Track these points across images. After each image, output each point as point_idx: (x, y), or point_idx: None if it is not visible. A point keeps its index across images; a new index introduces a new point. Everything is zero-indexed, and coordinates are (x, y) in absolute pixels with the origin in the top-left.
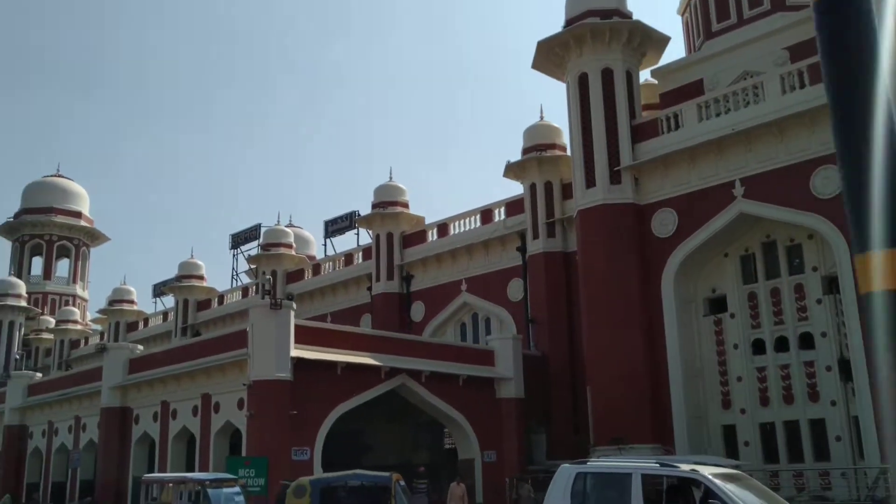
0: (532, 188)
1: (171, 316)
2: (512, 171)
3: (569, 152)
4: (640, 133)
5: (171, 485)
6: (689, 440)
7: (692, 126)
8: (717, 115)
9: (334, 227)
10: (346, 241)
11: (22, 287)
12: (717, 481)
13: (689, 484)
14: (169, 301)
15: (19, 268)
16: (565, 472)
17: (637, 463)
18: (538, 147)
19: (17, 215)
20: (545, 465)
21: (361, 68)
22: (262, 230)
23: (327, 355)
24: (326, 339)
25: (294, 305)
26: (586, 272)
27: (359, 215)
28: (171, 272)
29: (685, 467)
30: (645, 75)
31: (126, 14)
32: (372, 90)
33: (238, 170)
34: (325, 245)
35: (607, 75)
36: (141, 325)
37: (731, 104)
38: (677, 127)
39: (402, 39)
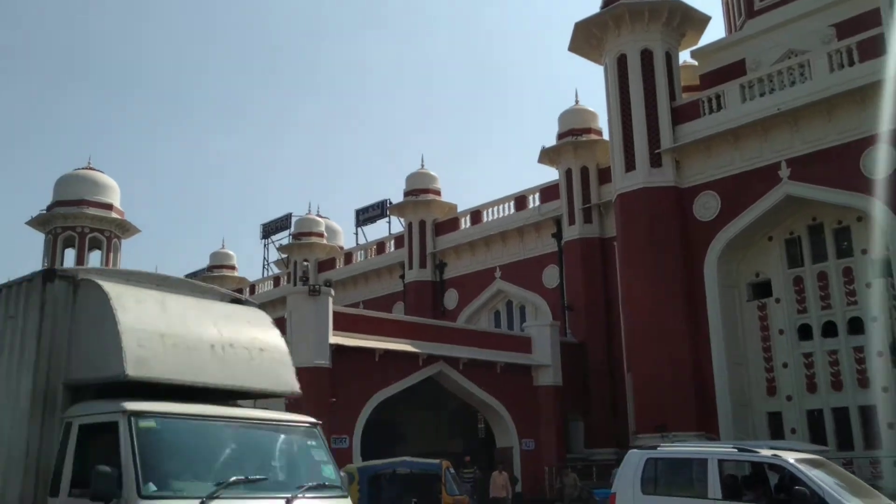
0: (568, 173)
1: None
2: (547, 156)
3: (605, 136)
4: (681, 115)
5: None
6: (734, 427)
7: (735, 107)
8: (762, 94)
9: (365, 216)
10: (377, 230)
11: None
12: (802, 467)
13: (765, 470)
14: None
15: (52, 260)
16: (634, 458)
17: (713, 448)
18: (574, 132)
19: (49, 208)
20: (584, 454)
21: (391, 57)
22: (293, 219)
23: (366, 342)
24: (364, 325)
25: (332, 292)
26: (626, 257)
27: (391, 204)
28: (201, 263)
29: (765, 452)
30: (684, 57)
31: (156, 11)
32: (402, 79)
33: (268, 160)
34: (356, 234)
35: (647, 56)
36: None
37: (776, 84)
38: (719, 108)
39: (433, 26)
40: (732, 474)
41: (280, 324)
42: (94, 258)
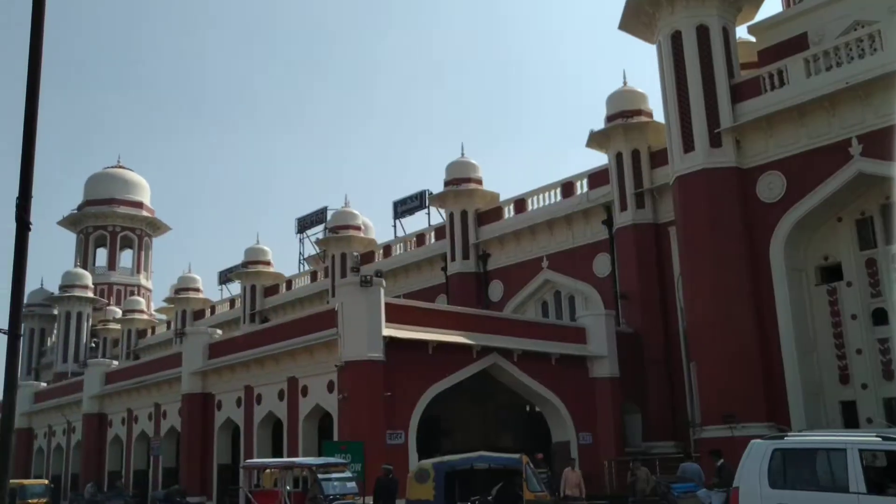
0: (618, 157)
1: (238, 303)
2: (595, 140)
3: (656, 118)
4: (741, 92)
5: (270, 470)
6: (806, 417)
7: (799, 82)
8: (828, 69)
9: (404, 208)
10: (415, 222)
11: (88, 278)
12: None
13: None
14: (234, 288)
15: (84, 259)
16: (759, 449)
17: (851, 437)
18: (623, 114)
19: (80, 207)
20: (642, 448)
21: (424, 44)
22: (329, 213)
23: (419, 334)
24: (416, 317)
25: (384, 282)
26: (687, 242)
27: (431, 194)
28: (232, 260)
29: None
30: (740, 33)
31: (180, 11)
32: (439, 65)
33: (300, 154)
34: (394, 226)
35: (703, 32)
36: (208, 312)
37: (843, 56)
38: (782, 84)
39: (470, 10)
40: (873, 466)
41: (330, 316)
42: (126, 257)
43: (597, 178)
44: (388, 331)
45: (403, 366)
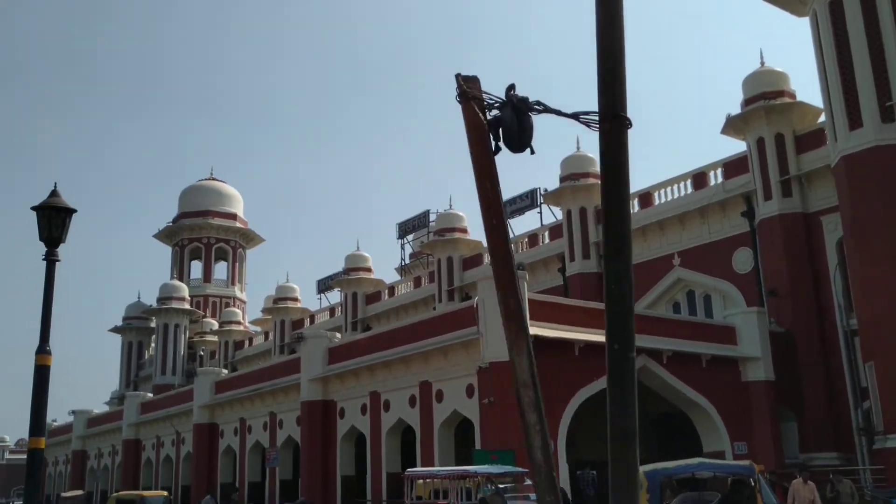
0: (760, 143)
1: (338, 311)
2: (732, 126)
3: (799, 98)
4: None
5: (425, 481)
6: None
7: None
8: None
9: (513, 208)
10: (524, 222)
11: (185, 290)
12: None
13: None
14: (333, 297)
15: (180, 272)
16: None
17: None
18: (765, 95)
19: (175, 220)
20: (799, 459)
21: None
22: (432, 215)
23: (565, 333)
24: (560, 315)
25: (526, 276)
26: (856, 228)
27: (546, 191)
28: (324, 271)
29: None
30: None
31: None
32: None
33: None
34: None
35: None
36: (307, 321)
37: None
38: None
39: None
40: None
41: (466, 314)
42: (220, 269)
43: (733, 166)
44: (534, 329)
45: (549, 368)
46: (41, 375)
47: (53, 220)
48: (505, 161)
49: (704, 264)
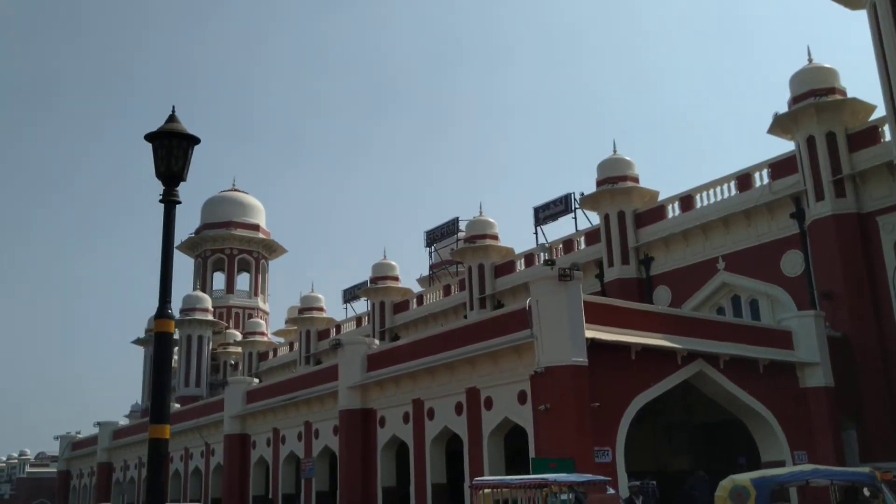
0: (809, 142)
1: (364, 321)
2: (780, 125)
3: (850, 95)
4: None
5: (485, 491)
6: None
7: None
8: None
9: (546, 213)
10: (557, 229)
11: (208, 301)
12: None
13: None
14: (359, 307)
15: (203, 283)
16: None
17: None
18: (814, 93)
19: (197, 231)
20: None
21: (562, 36)
22: (462, 223)
23: (622, 336)
24: (616, 317)
25: (582, 275)
26: None
27: (582, 195)
28: (348, 282)
29: None
30: None
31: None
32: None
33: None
34: (535, 233)
35: None
36: (333, 331)
37: None
38: None
39: None
40: None
41: (516, 317)
42: (243, 281)
43: (780, 166)
44: (590, 332)
45: (605, 372)
46: (162, 343)
47: (174, 150)
48: (535, 166)
49: (750, 268)
